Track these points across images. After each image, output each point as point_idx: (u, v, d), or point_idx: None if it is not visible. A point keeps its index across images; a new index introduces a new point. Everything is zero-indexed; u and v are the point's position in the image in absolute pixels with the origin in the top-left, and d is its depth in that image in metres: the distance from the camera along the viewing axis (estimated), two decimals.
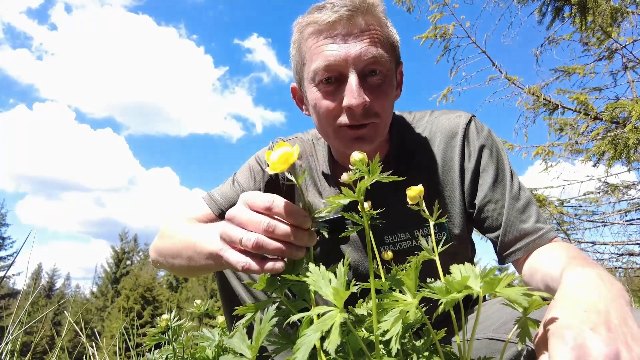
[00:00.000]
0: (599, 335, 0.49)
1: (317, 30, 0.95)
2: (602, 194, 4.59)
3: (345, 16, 0.92)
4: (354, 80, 0.92)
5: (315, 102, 0.99)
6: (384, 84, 0.97)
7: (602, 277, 0.62)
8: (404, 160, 1.12)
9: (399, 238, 1.10)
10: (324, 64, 0.94)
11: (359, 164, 0.57)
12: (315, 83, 0.98)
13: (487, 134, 1.08)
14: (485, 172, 1.05)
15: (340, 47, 0.93)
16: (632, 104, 3.41)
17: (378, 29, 0.96)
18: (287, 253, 0.63)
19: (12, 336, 1.31)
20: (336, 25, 0.93)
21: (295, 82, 1.10)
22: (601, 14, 3.63)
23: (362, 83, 0.94)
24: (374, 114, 0.96)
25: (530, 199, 1.03)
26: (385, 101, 0.98)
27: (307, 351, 0.46)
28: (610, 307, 0.54)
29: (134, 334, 1.57)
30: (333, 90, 0.96)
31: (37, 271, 31.85)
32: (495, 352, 0.86)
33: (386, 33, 0.98)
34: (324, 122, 1.01)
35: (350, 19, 0.92)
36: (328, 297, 0.51)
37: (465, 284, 0.48)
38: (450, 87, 4.67)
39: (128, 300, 25.26)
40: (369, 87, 0.95)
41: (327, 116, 0.99)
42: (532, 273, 0.92)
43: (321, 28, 0.94)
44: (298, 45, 1.02)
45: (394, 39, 1.01)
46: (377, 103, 0.96)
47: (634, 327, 0.53)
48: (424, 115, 1.17)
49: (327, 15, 0.92)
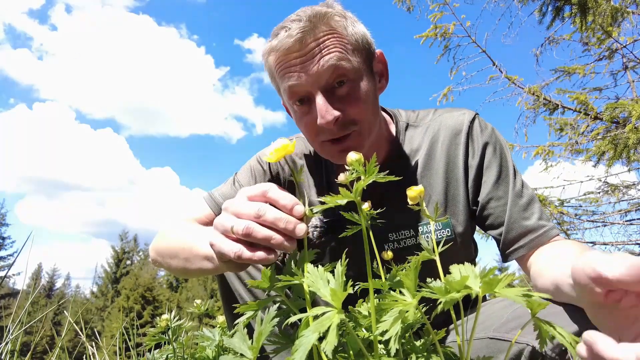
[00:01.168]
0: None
1: (276, 58, 0.97)
2: (602, 194, 4.58)
3: (298, 39, 0.92)
4: (320, 100, 0.94)
5: (296, 120, 1.05)
6: (354, 91, 0.97)
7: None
8: (407, 158, 1.12)
9: (403, 235, 1.11)
10: (290, 91, 0.97)
11: (356, 164, 0.57)
12: (291, 104, 1.02)
13: (490, 131, 1.09)
14: (489, 169, 1.05)
15: (299, 72, 0.94)
16: (632, 104, 3.41)
17: (334, 37, 0.94)
18: (276, 242, 0.62)
19: (12, 336, 1.31)
20: (291, 50, 0.93)
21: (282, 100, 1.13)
22: (601, 13, 3.63)
23: (329, 98, 0.95)
24: (351, 122, 0.97)
25: (533, 196, 1.03)
26: (359, 107, 0.97)
27: (305, 352, 0.46)
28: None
29: (134, 334, 1.57)
30: (307, 110, 0.99)
31: (37, 271, 31.89)
32: (496, 351, 0.86)
33: (347, 34, 0.97)
34: (309, 139, 1.06)
35: (302, 40, 0.92)
36: (326, 298, 0.51)
37: (464, 283, 0.48)
38: (451, 87, 4.68)
39: (128, 300, 25.27)
40: (338, 99, 0.96)
41: (309, 133, 1.03)
42: (540, 272, 0.91)
43: (278, 55, 0.96)
44: (270, 71, 1.04)
45: (357, 36, 0.99)
46: (352, 111, 0.96)
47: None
48: (427, 114, 1.17)
49: (282, 41, 0.93)
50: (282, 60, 0.96)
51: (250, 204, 0.64)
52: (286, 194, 0.65)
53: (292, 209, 0.63)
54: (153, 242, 1.08)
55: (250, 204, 0.64)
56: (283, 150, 0.62)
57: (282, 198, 0.64)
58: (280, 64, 0.97)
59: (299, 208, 0.64)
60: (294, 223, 0.62)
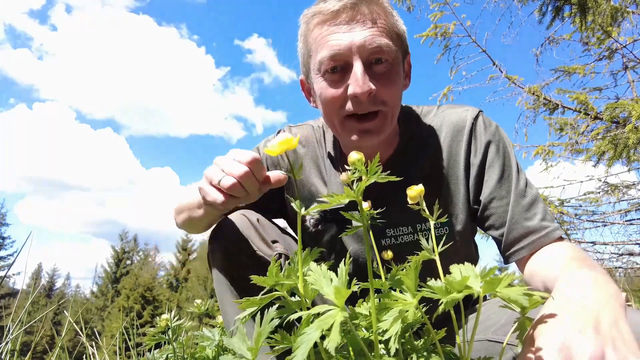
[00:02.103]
0: (586, 336, 0.49)
1: (321, 20, 0.96)
2: (602, 194, 4.58)
3: (350, 4, 0.92)
4: (358, 69, 0.92)
5: (320, 91, 1.00)
6: (390, 72, 0.97)
7: (597, 279, 0.62)
8: (412, 155, 1.11)
9: (401, 231, 1.10)
10: (329, 54, 0.94)
11: (358, 163, 0.57)
12: (321, 73, 0.98)
13: (494, 129, 1.07)
14: (492, 168, 1.03)
15: (345, 35, 0.93)
16: (632, 104, 3.41)
17: (383, 18, 0.96)
18: (235, 187, 0.78)
19: (12, 336, 1.31)
20: (340, 14, 0.93)
21: (302, 74, 1.10)
22: (601, 13, 3.63)
23: (367, 71, 0.94)
24: (381, 102, 0.96)
25: (536, 196, 1.01)
26: (391, 89, 0.97)
27: (306, 350, 0.46)
28: (602, 310, 0.54)
29: (134, 334, 1.57)
30: (338, 79, 0.96)
31: (37, 271, 31.89)
32: (494, 354, 0.85)
33: (392, 22, 0.98)
34: (330, 112, 1.01)
35: (354, 7, 0.93)
36: (329, 296, 0.51)
37: (465, 283, 0.48)
38: (451, 86, 4.67)
39: (128, 300, 25.26)
40: (374, 75, 0.95)
41: (332, 105, 0.99)
42: (532, 274, 0.91)
43: (326, 17, 0.95)
44: (304, 37, 1.02)
45: (400, 29, 1.01)
46: (384, 90, 0.95)
47: (625, 330, 0.52)
48: (431, 109, 1.16)
49: (332, 4, 0.93)
50: (329, 21, 0.95)
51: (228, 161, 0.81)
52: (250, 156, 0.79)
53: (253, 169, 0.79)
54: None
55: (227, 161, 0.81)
56: (285, 145, 0.63)
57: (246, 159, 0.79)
58: (324, 27, 0.96)
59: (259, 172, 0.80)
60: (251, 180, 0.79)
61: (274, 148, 0.62)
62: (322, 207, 0.58)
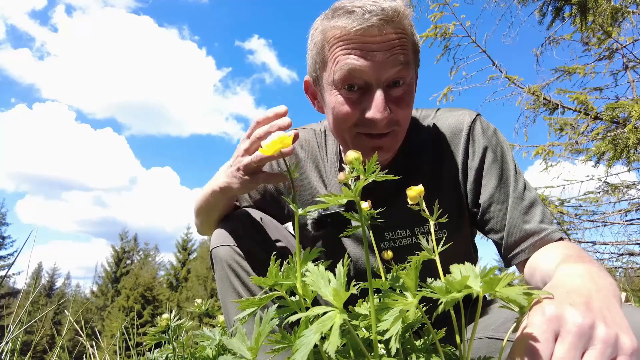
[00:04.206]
0: (577, 309, 0.49)
1: (344, 36, 0.92)
2: (603, 194, 4.58)
3: (377, 26, 0.88)
4: (380, 95, 0.92)
5: (334, 105, 0.97)
6: (407, 95, 0.96)
7: (590, 271, 0.62)
8: (411, 158, 1.11)
9: (399, 235, 1.10)
10: (349, 73, 0.91)
11: (356, 162, 0.57)
12: (338, 87, 0.96)
13: (492, 133, 1.07)
14: (490, 171, 1.03)
15: (369, 57, 0.90)
16: (632, 104, 3.41)
17: (405, 38, 0.94)
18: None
19: (13, 335, 1.31)
20: (366, 35, 0.90)
21: (310, 77, 1.08)
22: (601, 14, 3.63)
23: (385, 95, 0.93)
24: (395, 123, 0.96)
25: (535, 199, 1.01)
26: (406, 111, 0.97)
27: (306, 352, 0.46)
28: (593, 294, 0.55)
29: (134, 333, 1.57)
30: (356, 98, 0.95)
31: (37, 270, 31.89)
32: (495, 351, 0.86)
33: (413, 41, 0.97)
34: (341, 127, 0.99)
35: (381, 29, 0.89)
36: (327, 298, 0.51)
37: (465, 283, 0.48)
38: (451, 87, 4.67)
39: (128, 300, 25.27)
40: (392, 99, 0.94)
41: (345, 122, 0.97)
42: (532, 273, 0.92)
43: (350, 36, 0.91)
44: (321, 46, 0.98)
45: (418, 46, 1.00)
46: (400, 113, 0.95)
47: (616, 313, 0.52)
48: (429, 113, 1.16)
49: (357, 22, 0.89)
50: (352, 40, 0.91)
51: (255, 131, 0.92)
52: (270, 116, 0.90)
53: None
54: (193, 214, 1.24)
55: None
56: (279, 144, 0.61)
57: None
58: (347, 44, 0.92)
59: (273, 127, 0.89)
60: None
61: (268, 148, 0.61)
62: (321, 206, 0.58)
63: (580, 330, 0.47)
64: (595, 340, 0.47)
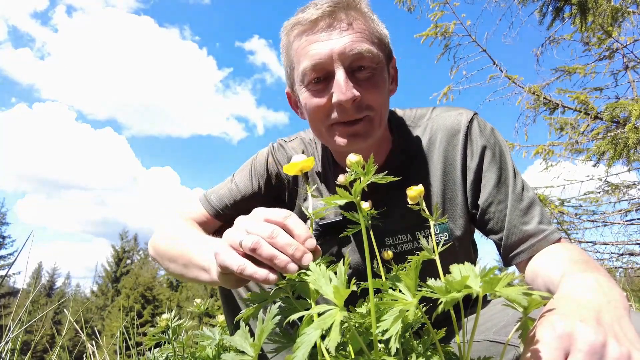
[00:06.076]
0: (588, 326, 0.49)
1: (301, 31, 0.95)
2: (603, 194, 4.58)
3: (327, 12, 0.92)
4: (341, 76, 0.92)
5: (305, 102, 0.99)
6: (374, 77, 0.96)
7: (600, 283, 0.62)
8: (407, 160, 1.10)
9: (400, 240, 1.09)
10: (310, 64, 0.93)
11: (355, 165, 0.57)
12: (305, 84, 0.97)
13: (490, 132, 1.06)
14: (488, 172, 1.03)
15: (324, 44, 0.92)
16: (632, 104, 3.41)
17: (362, 23, 0.95)
18: (280, 262, 0.60)
19: (13, 335, 1.31)
20: (318, 22, 0.93)
21: (288, 87, 1.10)
22: (601, 14, 3.63)
23: (350, 78, 0.93)
24: (367, 107, 0.95)
25: (533, 199, 1.01)
26: (376, 94, 0.96)
27: (307, 350, 0.46)
28: (603, 308, 0.54)
29: (134, 333, 1.57)
30: (322, 88, 0.96)
31: (37, 270, 31.89)
32: (495, 355, 0.85)
33: (372, 27, 0.97)
34: (317, 121, 1.00)
35: (332, 14, 0.92)
36: (328, 296, 0.51)
37: (465, 283, 0.48)
38: (451, 86, 4.67)
39: (128, 299, 25.27)
40: (358, 82, 0.94)
41: (318, 114, 0.98)
42: (534, 277, 0.91)
43: (304, 28, 0.94)
44: (286, 50, 1.01)
45: (381, 33, 1.00)
46: (369, 96, 0.95)
47: (628, 327, 0.52)
48: (425, 113, 1.14)
49: (310, 13, 0.93)
50: (307, 31, 0.94)
51: (266, 224, 0.64)
52: (303, 226, 0.64)
53: (305, 240, 0.63)
54: (153, 238, 1.08)
55: (265, 225, 0.63)
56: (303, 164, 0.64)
57: (298, 228, 0.64)
58: (303, 37, 0.95)
59: (311, 241, 0.63)
60: (302, 251, 0.61)
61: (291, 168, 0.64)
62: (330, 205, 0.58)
63: (592, 349, 0.47)
64: (608, 359, 0.47)
